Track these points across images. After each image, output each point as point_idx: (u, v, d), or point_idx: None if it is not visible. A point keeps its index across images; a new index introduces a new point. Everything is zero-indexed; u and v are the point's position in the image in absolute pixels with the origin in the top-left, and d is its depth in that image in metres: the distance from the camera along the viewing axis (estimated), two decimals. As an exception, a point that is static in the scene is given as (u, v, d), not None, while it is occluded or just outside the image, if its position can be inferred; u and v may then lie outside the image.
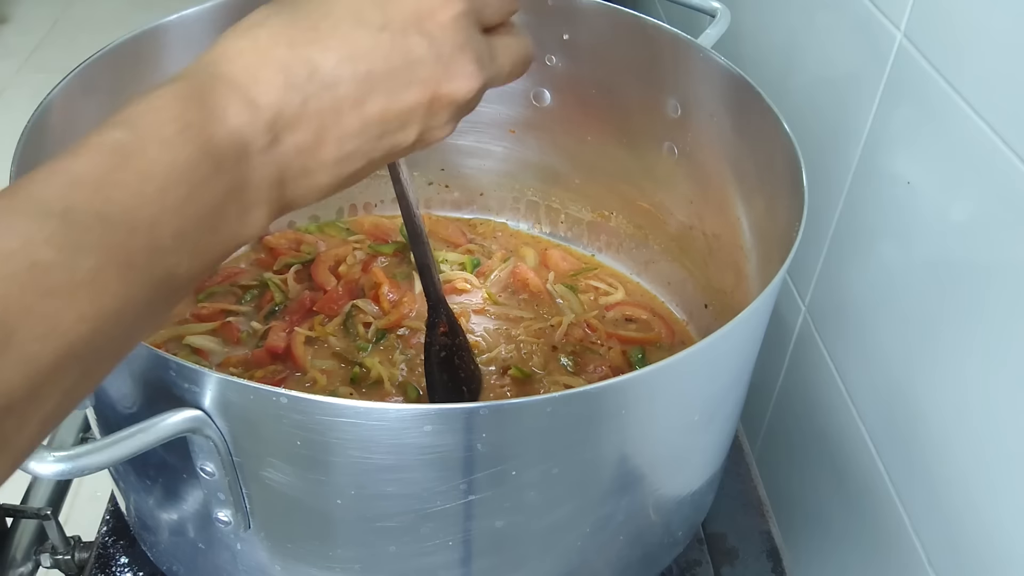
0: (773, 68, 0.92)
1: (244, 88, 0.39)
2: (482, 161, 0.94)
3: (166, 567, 0.67)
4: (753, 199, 0.73)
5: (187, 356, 0.79)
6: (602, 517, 0.57)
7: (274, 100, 0.39)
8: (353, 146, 0.42)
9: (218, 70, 0.40)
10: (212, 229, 0.38)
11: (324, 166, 0.42)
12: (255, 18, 0.42)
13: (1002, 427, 0.57)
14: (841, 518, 0.81)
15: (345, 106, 0.41)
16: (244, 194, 0.39)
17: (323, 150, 0.41)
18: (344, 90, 0.41)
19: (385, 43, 0.41)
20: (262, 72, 0.40)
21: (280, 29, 0.41)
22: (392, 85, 0.42)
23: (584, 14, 0.80)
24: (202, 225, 0.37)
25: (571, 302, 0.88)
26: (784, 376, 0.92)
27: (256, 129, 0.39)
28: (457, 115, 0.45)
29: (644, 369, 0.49)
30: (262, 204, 0.40)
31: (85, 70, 0.68)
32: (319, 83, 0.40)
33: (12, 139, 0.59)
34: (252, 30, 0.41)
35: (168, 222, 0.35)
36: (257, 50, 0.40)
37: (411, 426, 0.46)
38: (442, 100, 0.43)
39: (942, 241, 0.64)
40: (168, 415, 0.46)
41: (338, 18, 0.41)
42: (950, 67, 0.61)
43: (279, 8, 0.42)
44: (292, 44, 0.40)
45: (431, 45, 0.42)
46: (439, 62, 0.42)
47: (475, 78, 0.44)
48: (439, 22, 0.42)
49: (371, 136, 0.42)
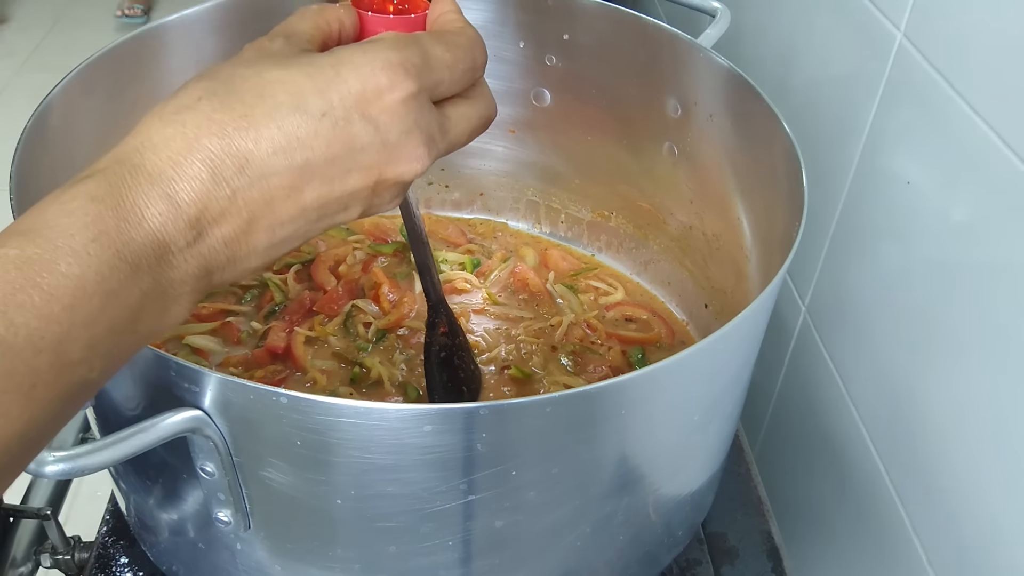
0: (773, 68, 0.92)
1: (166, 183, 0.36)
2: (482, 161, 0.94)
3: (166, 567, 0.67)
4: (753, 199, 0.73)
5: (187, 356, 0.79)
6: (602, 517, 0.57)
7: (199, 196, 0.37)
8: (288, 231, 0.40)
9: (140, 161, 0.37)
10: (129, 331, 0.36)
11: (254, 252, 0.40)
12: (185, 99, 0.39)
13: (1002, 427, 0.57)
14: (841, 518, 0.81)
15: (279, 196, 0.39)
16: (165, 292, 0.37)
17: (253, 239, 0.39)
18: (278, 181, 0.38)
19: (326, 131, 0.39)
20: (187, 164, 0.37)
21: (210, 114, 0.38)
22: (332, 173, 0.39)
23: (584, 14, 0.80)
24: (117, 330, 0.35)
25: (571, 302, 0.88)
26: (784, 376, 0.92)
27: (178, 227, 0.36)
28: (404, 191, 0.43)
29: (644, 369, 0.49)
30: (185, 296, 0.38)
31: (85, 70, 0.68)
32: (251, 175, 0.38)
33: (12, 139, 0.59)
34: (180, 114, 0.38)
35: (78, 337, 0.34)
36: (184, 138, 0.37)
37: (411, 426, 0.46)
38: (386, 183, 0.41)
39: (942, 241, 0.63)
40: (168, 415, 0.46)
41: (275, 103, 0.38)
42: (950, 67, 0.61)
43: (212, 87, 0.39)
44: (222, 132, 0.37)
45: (376, 131, 0.40)
46: (384, 148, 0.40)
47: (422, 160, 0.41)
48: (386, 106, 0.40)
49: (308, 220, 0.40)
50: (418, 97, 0.41)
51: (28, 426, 0.33)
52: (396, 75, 0.40)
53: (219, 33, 0.77)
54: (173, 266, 0.37)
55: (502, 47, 0.84)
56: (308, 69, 0.39)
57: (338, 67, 0.39)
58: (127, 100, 0.71)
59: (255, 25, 0.76)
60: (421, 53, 0.41)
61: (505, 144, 0.92)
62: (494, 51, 0.85)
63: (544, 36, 0.83)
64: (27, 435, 0.33)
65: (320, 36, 0.45)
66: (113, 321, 0.35)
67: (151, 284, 0.36)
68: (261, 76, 0.39)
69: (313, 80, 0.39)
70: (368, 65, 0.40)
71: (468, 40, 0.44)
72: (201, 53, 0.77)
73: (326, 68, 0.39)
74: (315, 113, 0.38)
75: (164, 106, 0.39)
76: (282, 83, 0.39)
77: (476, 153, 0.93)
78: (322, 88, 0.39)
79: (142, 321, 0.36)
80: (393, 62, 0.40)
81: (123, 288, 0.35)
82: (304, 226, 0.40)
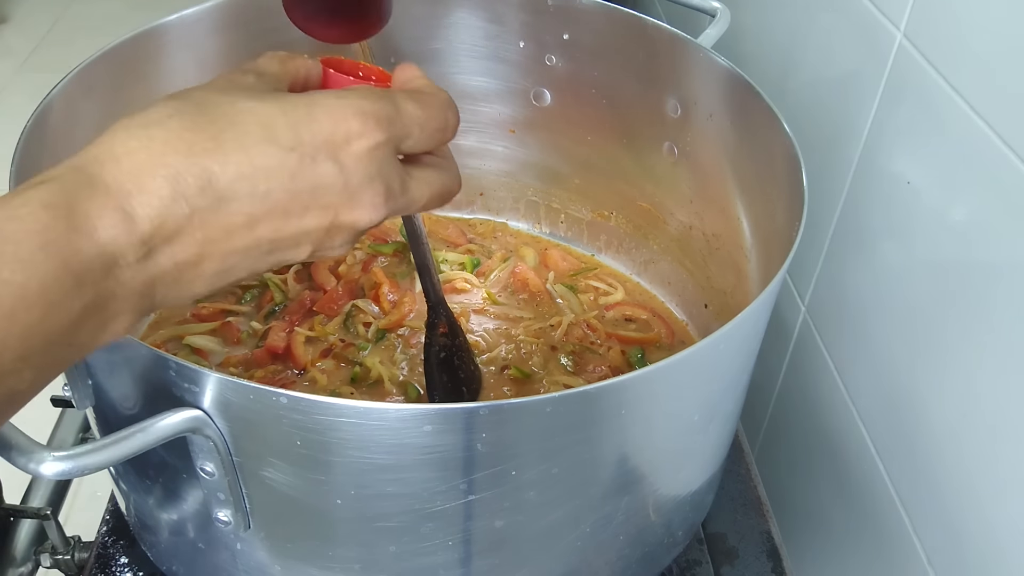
0: (773, 68, 0.92)
1: (123, 197, 0.36)
2: (482, 161, 0.94)
3: (166, 567, 0.67)
4: (753, 199, 0.73)
5: (187, 356, 0.79)
6: (602, 517, 0.57)
7: (155, 212, 0.36)
8: (237, 260, 0.40)
9: (99, 171, 0.36)
10: (65, 344, 0.35)
11: (201, 277, 0.39)
12: (154, 115, 0.38)
13: (1002, 427, 0.57)
14: (841, 518, 0.81)
15: (236, 223, 0.38)
16: (107, 307, 0.36)
17: (204, 264, 0.39)
18: (237, 207, 0.38)
19: (292, 165, 0.39)
20: (148, 179, 0.36)
21: (179, 133, 0.37)
22: (291, 207, 0.39)
23: (584, 14, 0.80)
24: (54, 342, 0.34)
25: (571, 302, 0.88)
26: (784, 376, 0.92)
27: (129, 242, 0.36)
28: (356, 239, 0.43)
29: (644, 369, 0.49)
30: (126, 313, 0.37)
31: (85, 70, 0.68)
32: (212, 197, 0.37)
33: (12, 139, 0.59)
34: (148, 129, 0.37)
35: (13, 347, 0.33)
36: (149, 152, 0.37)
37: (411, 426, 0.46)
38: (341, 227, 0.42)
39: (942, 241, 0.64)
40: (168, 415, 0.46)
41: (245, 130, 0.38)
42: (950, 67, 0.61)
43: (183, 108, 0.39)
44: (189, 152, 0.37)
45: (340, 173, 0.40)
46: (345, 191, 0.40)
47: (379, 210, 0.42)
48: (353, 151, 0.40)
49: (260, 251, 0.40)
50: (384, 147, 0.41)
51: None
52: (367, 123, 0.41)
53: (219, 33, 0.77)
54: (119, 282, 0.36)
55: (502, 47, 0.84)
56: (283, 104, 0.40)
57: (312, 107, 0.40)
58: (127, 100, 0.71)
59: (255, 25, 0.77)
60: (394, 106, 0.42)
61: (505, 144, 0.92)
62: (494, 51, 0.86)
63: (544, 36, 0.83)
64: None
65: (288, 80, 0.45)
66: (50, 333, 0.34)
67: (93, 298, 0.35)
68: (234, 104, 0.39)
69: (287, 115, 0.39)
70: (342, 110, 0.40)
71: (440, 101, 0.45)
72: (201, 53, 0.77)
73: (300, 106, 0.40)
74: (285, 146, 0.39)
75: (131, 119, 0.38)
76: (255, 113, 0.39)
77: (476, 153, 0.93)
78: (294, 124, 0.39)
79: (80, 335, 0.36)
80: (366, 110, 0.41)
81: (65, 300, 0.34)
82: (255, 257, 0.40)
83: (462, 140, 0.92)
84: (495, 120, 0.90)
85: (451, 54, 0.85)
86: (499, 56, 0.85)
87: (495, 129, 0.91)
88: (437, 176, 0.46)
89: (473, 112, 0.89)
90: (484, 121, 0.90)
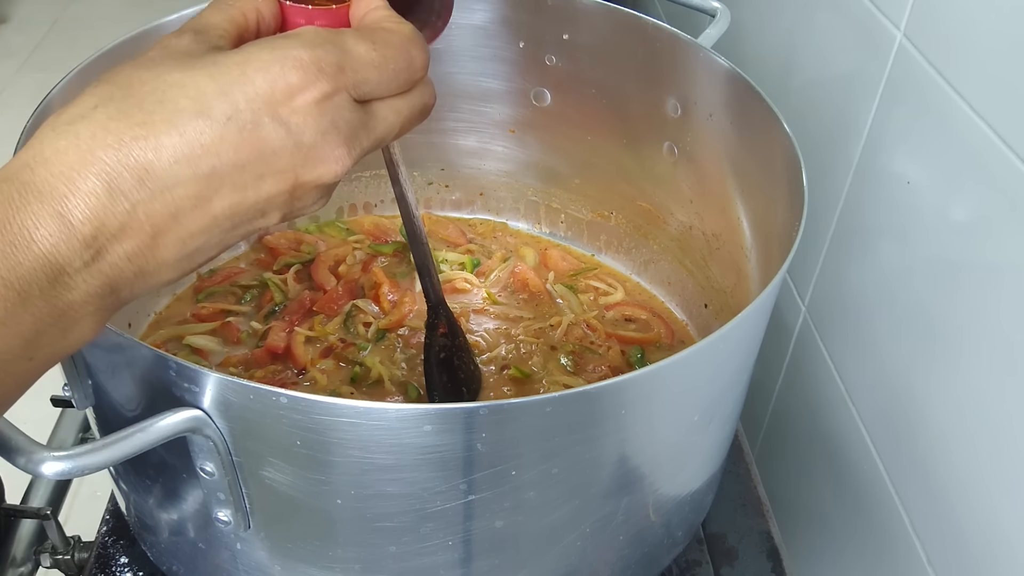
0: (773, 68, 0.92)
1: (58, 200, 0.34)
2: (482, 161, 0.94)
3: (166, 567, 0.67)
4: (753, 199, 0.73)
5: (187, 356, 0.79)
6: (602, 517, 0.57)
7: (94, 212, 0.34)
8: (200, 242, 0.38)
9: (30, 177, 0.34)
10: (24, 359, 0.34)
11: (165, 265, 0.37)
12: (80, 107, 0.36)
13: (1002, 426, 0.57)
14: (841, 518, 0.81)
15: (185, 207, 0.36)
16: (64, 315, 0.35)
17: (161, 252, 0.37)
18: (183, 191, 0.36)
19: (232, 136, 0.36)
20: (81, 179, 0.34)
21: (105, 123, 0.35)
22: (243, 179, 0.37)
23: (584, 14, 0.80)
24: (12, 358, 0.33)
25: (571, 302, 0.88)
26: (784, 376, 0.92)
27: (72, 248, 0.34)
28: (328, 192, 0.41)
29: (644, 369, 0.49)
30: (89, 316, 0.36)
31: (85, 70, 0.68)
32: (152, 187, 0.35)
33: (12, 139, 0.59)
34: (74, 124, 0.35)
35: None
36: (78, 150, 0.34)
37: (411, 426, 0.46)
38: (305, 186, 0.39)
39: (942, 241, 0.64)
40: (168, 415, 0.46)
41: (175, 108, 0.35)
42: (950, 67, 0.61)
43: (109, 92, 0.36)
44: (119, 143, 0.34)
45: (288, 134, 0.37)
46: (299, 151, 0.37)
47: (343, 161, 0.39)
48: (297, 107, 0.37)
49: (222, 229, 0.38)
50: (334, 97, 0.38)
51: None
52: (308, 74, 0.37)
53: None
54: (71, 288, 0.34)
55: (502, 47, 0.84)
56: (211, 70, 0.37)
57: (244, 66, 0.37)
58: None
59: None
60: (339, 51, 0.39)
61: (505, 144, 0.92)
62: (494, 51, 0.86)
63: (544, 36, 0.83)
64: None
65: (235, 30, 0.42)
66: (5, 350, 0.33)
67: (45, 309, 0.34)
68: (161, 79, 0.36)
69: (216, 81, 0.36)
70: (277, 63, 0.37)
71: (401, 38, 0.41)
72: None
73: (231, 68, 0.37)
74: (219, 118, 0.36)
75: (58, 116, 0.36)
76: (182, 86, 0.36)
77: (476, 153, 0.93)
78: (226, 90, 0.36)
79: (39, 347, 0.34)
80: (305, 60, 0.37)
81: (11, 317, 0.33)
82: (218, 235, 0.38)
83: (462, 140, 0.92)
84: (495, 120, 0.90)
85: (451, 54, 0.85)
86: (499, 56, 0.85)
87: (495, 129, 0.91)
88: (404, 100, 0.42)
89: (473, 112, 0.89)
90: (484, 121, 0.90)
